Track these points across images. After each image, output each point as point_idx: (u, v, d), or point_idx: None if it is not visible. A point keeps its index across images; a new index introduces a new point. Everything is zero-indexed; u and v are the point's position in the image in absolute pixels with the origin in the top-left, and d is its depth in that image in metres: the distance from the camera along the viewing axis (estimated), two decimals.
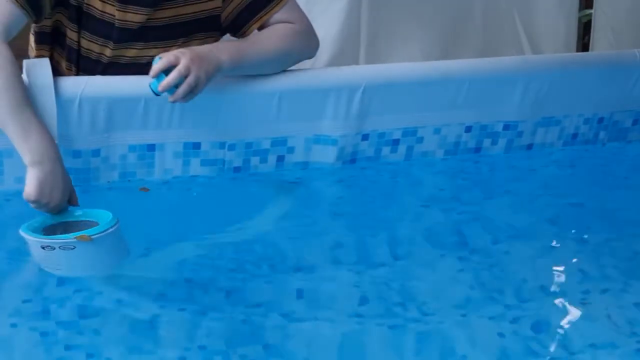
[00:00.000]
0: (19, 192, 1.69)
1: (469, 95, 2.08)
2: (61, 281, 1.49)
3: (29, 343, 1.30)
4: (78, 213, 1.59)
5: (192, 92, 1.72)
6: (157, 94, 1.71)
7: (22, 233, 1.50)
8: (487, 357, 1.30)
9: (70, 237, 1.45)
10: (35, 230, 1.50)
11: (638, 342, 1.36)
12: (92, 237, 1.44)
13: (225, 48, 1.82)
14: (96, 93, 1.79)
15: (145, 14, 1.82)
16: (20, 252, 1.57)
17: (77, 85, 1.78)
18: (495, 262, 1.62)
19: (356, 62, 2.98)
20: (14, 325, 1.35)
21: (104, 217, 1.51)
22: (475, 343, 1.34)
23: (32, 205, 1.58)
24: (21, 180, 1.74)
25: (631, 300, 1.49)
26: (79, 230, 1.49)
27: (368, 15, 2.99)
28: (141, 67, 1.84)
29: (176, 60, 1.71)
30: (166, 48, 1.85)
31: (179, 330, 1.34)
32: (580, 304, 1.47)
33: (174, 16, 1.84)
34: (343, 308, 1.43)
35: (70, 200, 1.61)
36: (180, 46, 1.87)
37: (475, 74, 2.11)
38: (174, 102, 1.73)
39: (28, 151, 1.57)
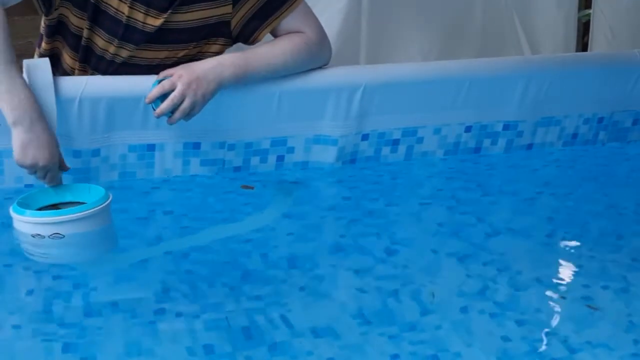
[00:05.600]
0: (19, 191, 1.70)
1: (469, 95, 2.08)
2: (61, 281, 1.49)
3: (29, 343, 1.30)
4: (70, 194, 1.66)
5: (188, 115, 1.76)
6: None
7: (14, 214, 1.55)
8: (486, 354, 1.30)
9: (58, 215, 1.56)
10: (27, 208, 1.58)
11: (637, 340, 1.36)
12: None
13: (230, 63, 1.82)
14: (96, 93, 1.79)
15: (163, 18, 1.82)
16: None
17: (77, 85, 1.78)
18: (495, 261, 1.62)
19: (356, 62, 2.98)
20: (14, 325, 1.35)
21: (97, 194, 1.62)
22: (475, 340, 1.34)
23: (28, 171, 1.63)
24: (21, 180, 1.75)
25: (631, 299, 1.49)
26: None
27: (368, 16, 2.99)
28: (151, 69, 1.86)
29: (171, 86, 1.74)
30: (176, 51, 1.87)
31: (180, 329, 1.33)
32: (580, 302, 1.47)
33: (185, 20, 1.85)
34: (343, 306, 1.43)
35: (60, 164, 1.67)
36: (190, 50, 1.89)
37: (475, 74, 2.11)
38: (171, 124, 1.77)
39: (10, 111, 1.60)
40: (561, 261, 1.68)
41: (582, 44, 3.52)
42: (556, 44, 3.29)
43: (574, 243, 1.76)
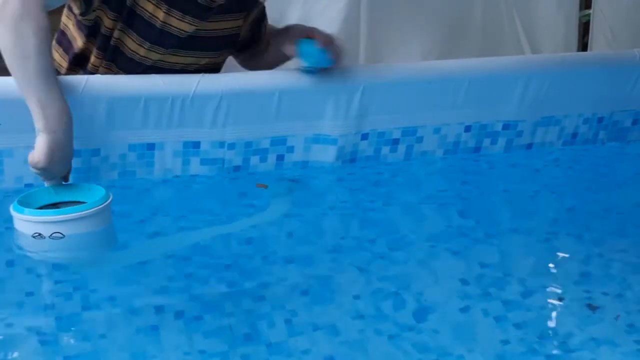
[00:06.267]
0: (19, 191, 1.70)
1: (469, 95, 2.08)
2: (59, 281, 1.49)
3: (28, 344, 1.30)
4: (70, 193, 1.66)
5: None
6: (312, 71, 1.95)
7: (14, 213, 1.56)
8: (485, 355, 1.30)
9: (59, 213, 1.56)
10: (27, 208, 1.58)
11: (638, 341, 1.36)
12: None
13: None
14: (96, 92, 1.79)
15: (196, 26, 1.89)
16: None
17: (77, 84, 1.78)
18: (495, 261, 1.62)
19: (356, 62, 2.98)
20: (9, 325, 1.34)
21: (97, 194, 1.63)
22: (474, 341, 1.34)
23: (35, 171, 1.63)
24: (21, 179, 1.76)
25: (632, 299, 1.49)
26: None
27: (367, 16, 2.99)
28: (173, 72, 1.91)
29: (319, 34, 1.94)
30: (197, 59, 1.95)
31: (179, 329, 1.33)
32: (580, 302, 1.47)
33: (215, 29, 1.93)
34: (343, 306, 1.43)
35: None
36: (209, 60, 1.98)
37: (475, 74, 2.11)
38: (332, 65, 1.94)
39: (44, 118, 1.60)
40: (561, 261, 1.68)
41: (582, 44, 3.52)
42: (557, 43, 3.29)
43: (573, 243, 1.76)
